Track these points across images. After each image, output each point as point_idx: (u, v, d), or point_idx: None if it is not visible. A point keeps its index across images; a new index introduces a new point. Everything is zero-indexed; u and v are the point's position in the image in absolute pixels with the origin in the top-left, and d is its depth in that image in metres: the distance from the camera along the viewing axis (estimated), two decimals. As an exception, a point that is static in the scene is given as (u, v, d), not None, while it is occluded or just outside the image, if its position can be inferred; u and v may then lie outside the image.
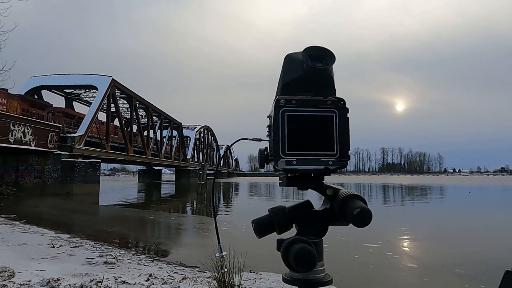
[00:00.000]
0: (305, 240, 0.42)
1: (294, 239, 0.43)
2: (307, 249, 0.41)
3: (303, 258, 0.40)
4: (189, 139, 61.35)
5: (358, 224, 0.39)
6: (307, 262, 0.40)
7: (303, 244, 0.41)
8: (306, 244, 0.42)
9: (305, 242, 0.42)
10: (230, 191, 36.26)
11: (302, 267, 0.40)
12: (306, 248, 0.41)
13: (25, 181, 23.70)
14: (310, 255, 0.40)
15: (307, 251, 0.40)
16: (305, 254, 0.40)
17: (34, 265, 5.15)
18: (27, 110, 25.34)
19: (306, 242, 0.42)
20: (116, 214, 15.16)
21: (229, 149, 55.39)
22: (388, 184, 50.65)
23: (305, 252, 0.40)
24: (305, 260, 0.40)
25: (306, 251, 0.40)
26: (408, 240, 8.79)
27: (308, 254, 0.40)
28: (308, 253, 0.40)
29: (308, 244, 0.42)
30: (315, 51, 0.46)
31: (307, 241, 0.42)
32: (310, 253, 0.40)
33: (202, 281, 4.61)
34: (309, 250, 0.40)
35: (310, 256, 0.40)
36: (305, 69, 0.46)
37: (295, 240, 0.43)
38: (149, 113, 41.87)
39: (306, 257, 0.40)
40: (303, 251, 0.41)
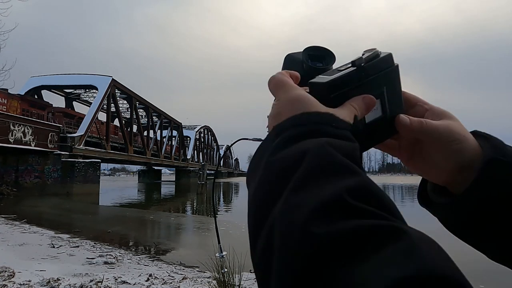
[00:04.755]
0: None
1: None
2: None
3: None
4: (189, 139, 61.35)
5: None
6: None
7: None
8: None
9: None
10: (230, 191, 36.26)
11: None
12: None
13: (25, 181, 23.69)
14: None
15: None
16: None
17: (34, 265, 5.15)
18: (27, 110, 25.33)
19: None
20: (116, 214, 15.16)
21: (229, 149, 55.42)
22: (388, 184, 50.70)
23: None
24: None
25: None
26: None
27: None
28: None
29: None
30: (315, 51, 0.46)
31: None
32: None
33: (202, 281, 4.61)
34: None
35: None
36: (305, 69, 0.46)
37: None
38: (149, 113, 41.87)
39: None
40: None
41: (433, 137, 0.39)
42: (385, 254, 0.19)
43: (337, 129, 0.30)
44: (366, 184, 0.24)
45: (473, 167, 0.37)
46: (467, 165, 0.38)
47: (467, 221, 0.38)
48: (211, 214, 14.09)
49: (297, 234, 0.22)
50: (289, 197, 0.24)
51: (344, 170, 0.25)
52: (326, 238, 0.21)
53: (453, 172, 0.39)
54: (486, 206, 0.36)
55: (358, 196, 0.23)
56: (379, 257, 0.19)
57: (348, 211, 0.22)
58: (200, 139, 67.53)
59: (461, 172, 0.38)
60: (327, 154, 0.26)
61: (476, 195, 0.36)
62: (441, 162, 0.39)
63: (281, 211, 0.24)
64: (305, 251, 0.21)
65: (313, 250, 0.21)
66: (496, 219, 0.36)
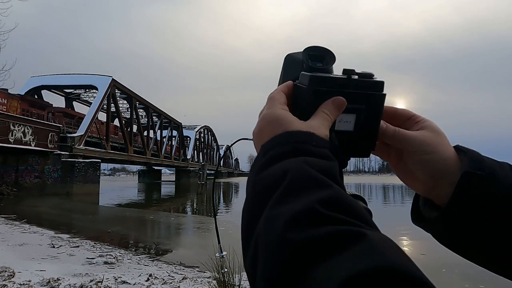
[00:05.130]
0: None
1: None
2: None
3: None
4: (189, 139, 61.34)
5: None
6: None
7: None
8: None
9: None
10: (230, 191, 36.27)
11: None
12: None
13: (25, 181, 23.68)
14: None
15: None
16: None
17: (34, 265, 5.15)
18: (27, 110, 25.32)
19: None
20: (116, 214, 15.17)
21: (229, 149, 55.41)
22: (388, 185, 50.69)
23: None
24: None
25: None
26: (408, 240, 8.79)
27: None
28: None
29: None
30: (315, 51, 0.46)
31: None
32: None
33: (202, 281, 4.61)
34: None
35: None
36: (305, 69, 0.46)
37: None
38: (149, 113, 41.87)
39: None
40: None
41: (405, 145, 0.41)
42: (348, 253, 0.22)
43: (316, 147, 0.33)
44: (337, 196, 0.27)
45: (450, 180, 0.39)
46: (442, 177, 0.39)
47: (454, 234, 0.39)
48: (211, 214, 14.08)
49: (275, 242, 0.25)
50: (269, 212, 0.27)
51: (319, 184, 0.28)
52: (298, 243, 0.24)
53: (428, 182, 0.41)
54: (468, 219, 0.37)
55: (328, 206, 0.26)
56: (342, 256, 0.22)
57: (318, 219, 0.25)
58: (200, 139, 67.53)
59: (438, 184, 0.40)
60: (304, 172, 0.29)
61: (457, 209, 0.38)
62: (416, 171, 0.41)
63: (262, 224, 0.27)
64: (282, 255, 0.24)
65: (288, 254, 0.24)
66: (480, 231, 0.38)
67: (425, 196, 0.43)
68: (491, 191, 0.37)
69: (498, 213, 0.37)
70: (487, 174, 0.37)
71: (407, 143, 0.41)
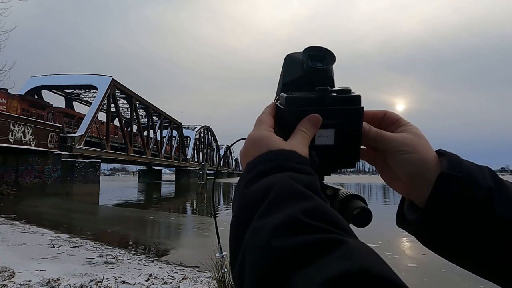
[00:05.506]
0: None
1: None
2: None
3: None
4: (189, 139, 61.33)
5: (358, 224, 0.39)
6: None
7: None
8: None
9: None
10: (230, 191, 36.27)
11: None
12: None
13: (25, 181, 23.68)
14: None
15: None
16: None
17: (34, 265, 5.15)
18: (27, 110, 25.32)
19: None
20: (116, 214, 15.16)
21: (229, 149, 55.45)
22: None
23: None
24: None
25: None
26: (408, 240, 8.79)
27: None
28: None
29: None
30: (315, 51, 0.46)
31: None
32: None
33: (202, 281, 4.61)
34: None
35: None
36: (305, 69, 0.46)
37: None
38: (149, 113, 41.86)
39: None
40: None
41: (386, 146, 0.43)
42: (329, 258, 0.24)
43: (298, 164, 0.35)
44: (319, 206, 0.29)
45: (429, 181, 0.40)
46: (421, 178, 0.41)
47: (433, 236, 0.41)
48: (211, 214, 14.08)
49: (260, 250, 0.27)
50: (255, 223, 0.29)
51: (302, 196, 0.30)
52: (283, 250, 0.26)
53: (409, 183, 0.42)
54: (446, 220, 0.39)
55: (311, 215, 0.28)
56: (324, 260, 0.24)
57: (301, 228, 0.27)
58: (200, 139, 67.52)
59: (418, 185, 0.41)
60: (289, 185, 0.31)
61: (434, 210, 0.39)
62: (397, 171, 0.43)
63: (249, 235, 0.29)
64: (267, 262, 0.26)
65: (273, 260, 0.26)
66: (457, 232, 0.39)
67: (408, 198, 0.44)
68: (468, 193, 0.38)
69: (475, 215, 0.38)
70: (464, 176, 0.39)
71: (388, 143, 0.43)
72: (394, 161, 0.43)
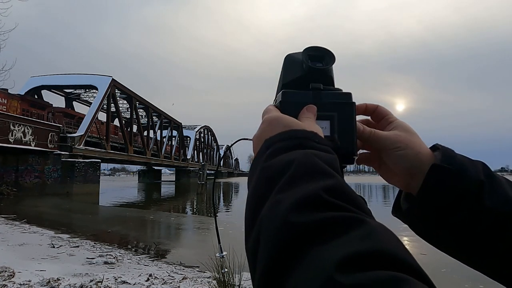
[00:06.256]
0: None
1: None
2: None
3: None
4: (189, 139, 61.32)
5: None
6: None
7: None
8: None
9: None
10: (230, 191, 36.26)
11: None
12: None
13: (25, 181, 23.68)
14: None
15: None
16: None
17: (34, 265, 5.15)
18: (27, 110, 25.30)
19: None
20: (116, 214, 15.17)
21: (229, 149, 55.55)
22: (388, 185, 50.61)
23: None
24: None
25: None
26: (408, 240, 8.79)
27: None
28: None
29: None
30: (315, 51, 0.46)
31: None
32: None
33: (202, 281, 4.61)
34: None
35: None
36: (305, 69, 0.46)
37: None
38: (149, 113, 41.86)
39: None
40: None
41: (381, 145, 0.46)
42: (348, 236, 0.24)
43: (319, 144, 0.35)
44: (341, 185, 0.29)
45: (423, 173, 0.42)
46: (416, 171, 0.43)
47: (424, 225, 0.43)
48: (211, 214, 14.08)
49: (278, 223, 0.26)
50: (274, 197, 0.29)
51: (324, 174, 0.30)
52: (302, 225, 0.25)
53: (405, 177, 0.45)
54: (436, 210, 0.41)
55: (332, 193, 0.28)
56: (342, 239, 0.24)
57: (322, 205, 0.27)
58: (200, 139, 67.52)
59: (413, 177, 0.43)
60: (311, 161, 0.31)
61: (426, 200, 0.41)
62: (394, 167, 0.46)
63: (267, 208, 0.28)
64: (284, 235, 0.25)
65: (291, 234, 0.25)
66: (448, 222, 0.41)
67: (405, 191, 0.47)
68: (458, 185, 0.40)
69: (465, 207, 0.40)
70: (455, 169, 0.41)
71: (382, 142, 0.46)
72: (389, 158, 0.46)
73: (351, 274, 0.21)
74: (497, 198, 0.40)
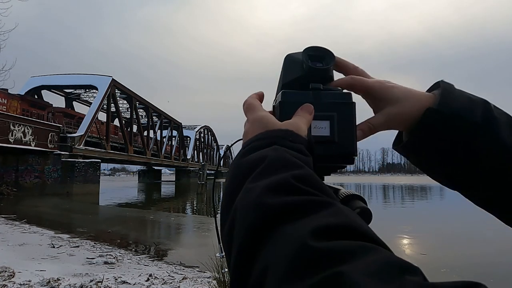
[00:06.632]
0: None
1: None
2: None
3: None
4: (189, 139, 61.32)
5: None
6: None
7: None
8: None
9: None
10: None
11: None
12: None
13: (25, 181, 23.67)
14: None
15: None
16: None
17: (34, 265, 5.15)
18: (27, 110, 25.29)
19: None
20: (116, 214, 15.17)
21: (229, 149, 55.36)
22: (388, 184, 50.71)
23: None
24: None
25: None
26: (408, 240, 8.79)
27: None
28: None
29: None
30: (315, 51, 0.46)
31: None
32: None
33: (202, 281, 4.61)
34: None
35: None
36: (305, 69, 0.46)
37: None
38: (149, 113, 41.86)
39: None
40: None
41: (367, 89, 0.47)
42: (318, 214, 0.26)
43: (292, 143, 0.36)
44: (309, 174, 0.31)
45: (419, 111, 0.44)
46: (416, 115, 0.44)
47: (419, 158, 0.47)
48: (211, 214, 14.07)
49: (251, 205, 0.28)
50: (247, 185, 0.31)
51: (293, 165, 0.32)
52: (275, 205, 0.27)
53: (407, 119, 0.45)
54: (428, 150, 0.44)
55: (301, 180, 0.30)
56: (313, 215, 0.26)
57: (292, 190, 0.29)
58: (200, 139, 67.52)
59: (412, 121, 0.45)
60: (282, 156, 0.33)
61: (419, 141, 0.44)
62: (389, 110, 0.46)
63: (241, 196, 0.30)
64: (257, 215, 0.27)
65: (264, 213, 0.27)
66: (441, 157, 0.44)
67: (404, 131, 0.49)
68: (451, 129, 0.42)
69: (460, 150, 0.42)
70: (449, 112, 0.42)
71: (366, 85, 0.47)
72: (380, 99, 0.47)
73: (325, 241, 0.23)
74: (490, 141, 0.41)
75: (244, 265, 0.26)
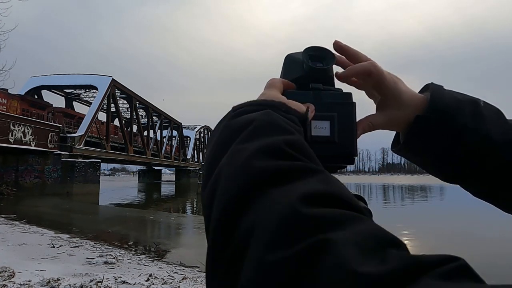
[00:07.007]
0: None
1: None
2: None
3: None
4: (189, 139, 61.30)
5: None
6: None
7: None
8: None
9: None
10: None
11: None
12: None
13: (25, 181, 23.66)
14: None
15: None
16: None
17: (34, 265, 5.15)
18: (27, 110, 25.28)
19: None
20: (116, 214, 15.16)
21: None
22: (388, 184, 50.71)
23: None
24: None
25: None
26: (407, 239, 8.79)
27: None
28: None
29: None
30: (315, 51, 0.46)
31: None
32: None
33: (202, 281, 4.61)
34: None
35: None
36: (305, 69, 0.46)
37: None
38: (149, 113, 41.85)
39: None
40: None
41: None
42: (307, 180, 0.26)
43: (286, 113, 0.35)
44: (300, 141, 0.31)
45: (412, 113, 0.45)
46: (409, 120, 0.46)
47: (415, 157, 0.49)
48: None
49: (239, 167, 0.27)
50: (235, 147, 0.30)
51: (284, 130, 0.31)
52: (265, 169, 0.27)
53: (401, 120, 0.47)
54: (420, 151, 0.47)
55: (292, 146, 0.29)
56: (302, 181, 0.26)
57: (283, 154, 0.28)
58: (200, 139, 67.52)
59: (409, 119, 0.46)
60: (272, 118, 0.32)
61: (411, 144, 0.47)
62: (394, 113, 0.47)
63: (228, 156, 0.29)
64: (244, 177, 0.26)
65: (251, 176, 0.26)
66: (430, 160, 0.47)
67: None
68: (439, 133, 0.44)
69: (449, 148, 0.45)
70: (438, 117, 0.44)
71: (361, 72, 0.47)
72: (376, 88, 0.48)
73: (313, 208, 0.23)
74: (481, 143, 0.43)
75: (226, 229, 0.25)
